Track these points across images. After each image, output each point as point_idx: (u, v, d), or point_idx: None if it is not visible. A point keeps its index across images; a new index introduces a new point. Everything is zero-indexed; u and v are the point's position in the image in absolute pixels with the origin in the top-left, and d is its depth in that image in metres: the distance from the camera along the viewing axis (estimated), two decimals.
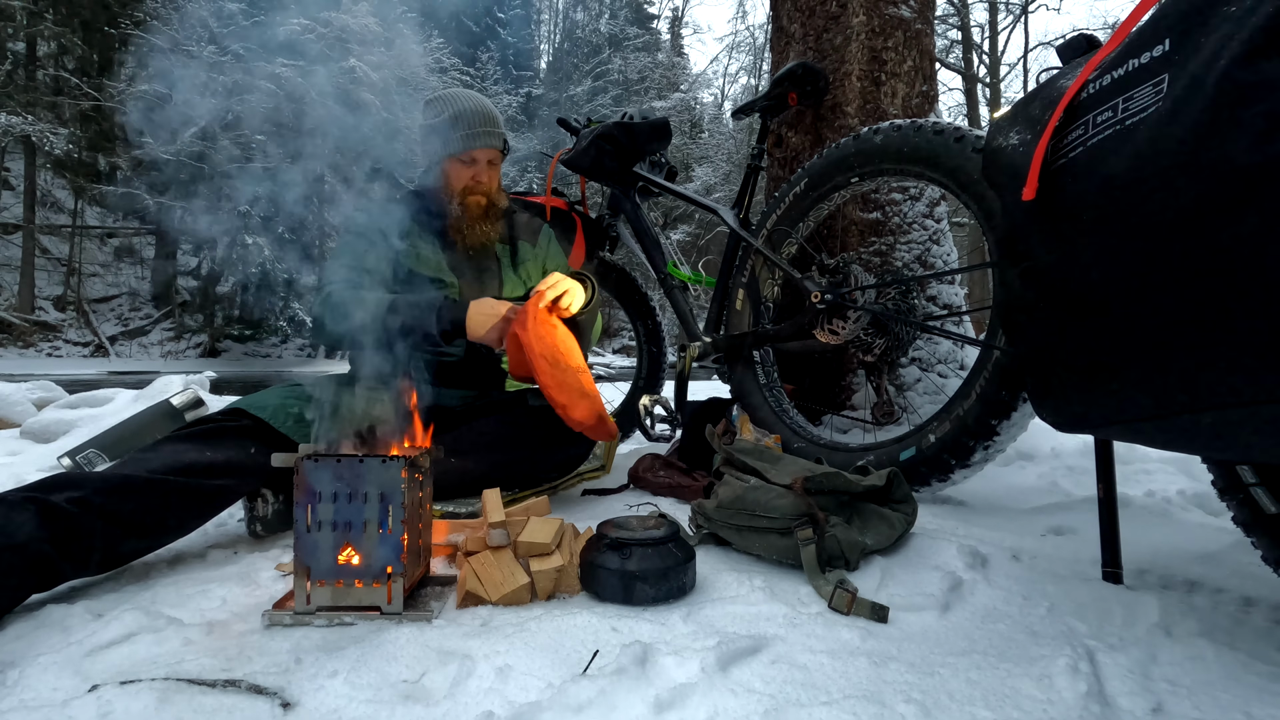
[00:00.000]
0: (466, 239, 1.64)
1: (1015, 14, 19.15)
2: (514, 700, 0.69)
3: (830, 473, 1.11)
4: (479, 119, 1.60)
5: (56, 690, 0.72)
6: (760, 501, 1.08)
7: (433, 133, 1.62)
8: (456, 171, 1.62)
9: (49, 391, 3.03)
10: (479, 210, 1.63)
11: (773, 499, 1.07)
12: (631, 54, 26.92)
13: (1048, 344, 0.86)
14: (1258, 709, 0.68)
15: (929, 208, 1.96)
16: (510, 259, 1.71)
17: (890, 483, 1.15)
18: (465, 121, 1.59)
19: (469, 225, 1.63)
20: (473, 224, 1.63)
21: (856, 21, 1.98)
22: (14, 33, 15.79)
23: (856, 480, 1.12)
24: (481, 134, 1.60)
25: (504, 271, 1.70)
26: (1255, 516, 0.88)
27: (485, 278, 1.67)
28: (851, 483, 1.11)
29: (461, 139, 1.59)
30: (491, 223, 1.66)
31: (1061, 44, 0.97)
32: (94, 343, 16.81)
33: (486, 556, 0.97)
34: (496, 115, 1.65)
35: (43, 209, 17.80)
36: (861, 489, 1.12)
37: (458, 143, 1.59)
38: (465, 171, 1.62)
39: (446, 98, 1.64)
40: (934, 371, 1.90)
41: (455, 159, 1.61)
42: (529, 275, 1.72)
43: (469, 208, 1.62)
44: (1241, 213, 0.61)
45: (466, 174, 1.62)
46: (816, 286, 1.62)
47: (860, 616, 0.88)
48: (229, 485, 1.16)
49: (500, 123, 1.66)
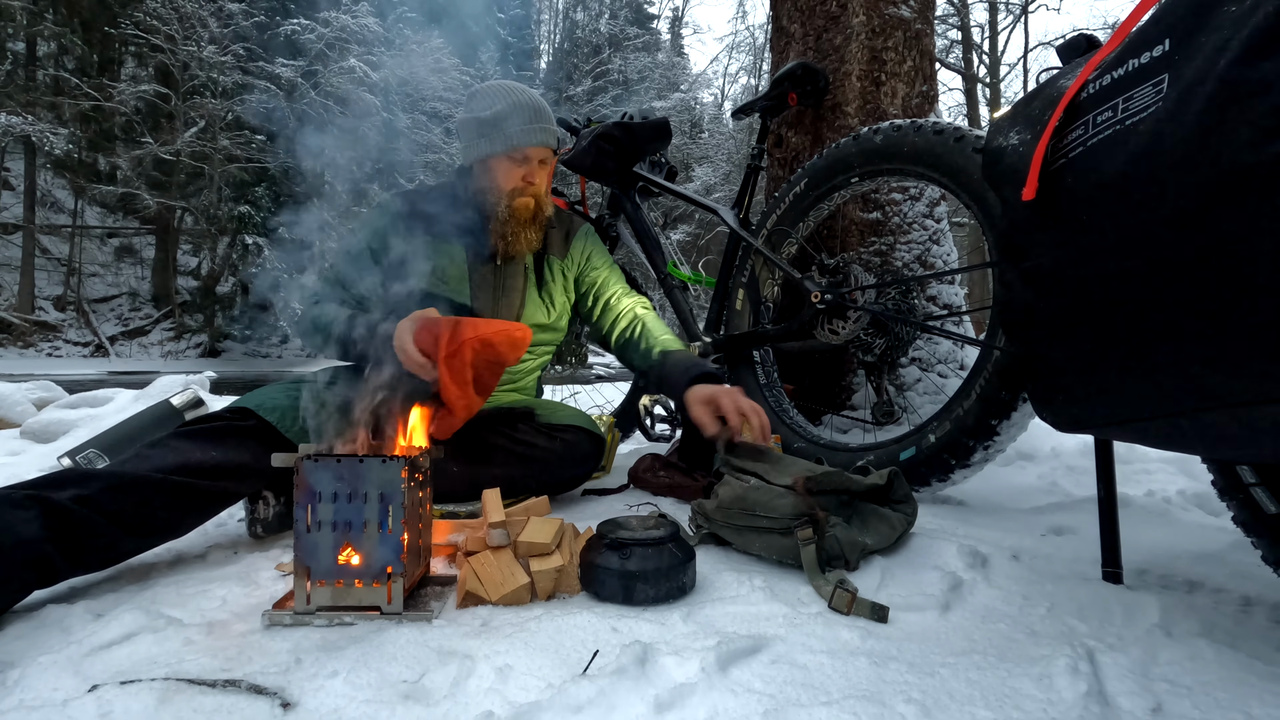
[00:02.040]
0: (508, 247, 1.50)
1: (1015, 14, 19.16)
2: (514, 700, 0.69)
3: (832, 472, 1.11)
4: (534, 113, 1.46)
5: (56, 690, 0.72)
6: (761, 501, 1.08)
7: (481, 126, 1.47)
8: (506, 170, 1.47)
9: (49, 391, 3.03)
10: (527, 214, 1.49)
11: (774, 499, 1.07)
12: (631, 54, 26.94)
13: (1048, 344, 0.86)
14: (1258, 709, 0.68)
15: (929, 208, 1.96)
16: (535, 278, 1.59)
17: (891, 482, 1.15)
18: (520, 115, 1.45)
19: (513, 232, 1.49)
20: (518, 230, 1.49)
21: (856, 21, 1.98)
22: (14, 33, 15.80)
23: (858, 480, 1.12)
24: (537, 129, 1.46)
25: (528, 290, 1.57)
26: (1255, 516, 0.88)
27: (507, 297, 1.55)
28: (853, 482, 1.11)
29: (515, 134, 1.45)
30: (537, 230, 1.52)
31: (1061, 44, 0.97)
32: (94, 343, 16.82)
33: (486, 556, 0.97)
34: (551, 112, 1.52)
35: (43, 209, 17.81)
36: (863, 488, 1.12)
37: (510, 138, 1.45)
38: (516, 170, 1.47)
39: (497, 89, 1.49)
40: (934, 371, 1.90)
41: (505, 156, 1.46)
42: (551, 297, 1.61)
43: (516, 211, 1.48)
44: (1242, 212, 0.61)
45: (517, 173, 1.47)
46: (816, 286, 1.62)
47: (860, 616, 0.89)
48: (232, 486, 1.16)
49: (554, 120, 1.52)
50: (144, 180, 16.61)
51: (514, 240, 1.50)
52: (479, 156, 1.49)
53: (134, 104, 16.46)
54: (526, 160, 1.47)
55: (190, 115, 16.27)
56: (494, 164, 1.48)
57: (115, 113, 16.37)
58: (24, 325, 15.96)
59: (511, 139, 1.45)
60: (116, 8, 16.09)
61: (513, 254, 1.52)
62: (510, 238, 1.49)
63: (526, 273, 1.58)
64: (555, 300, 1.62)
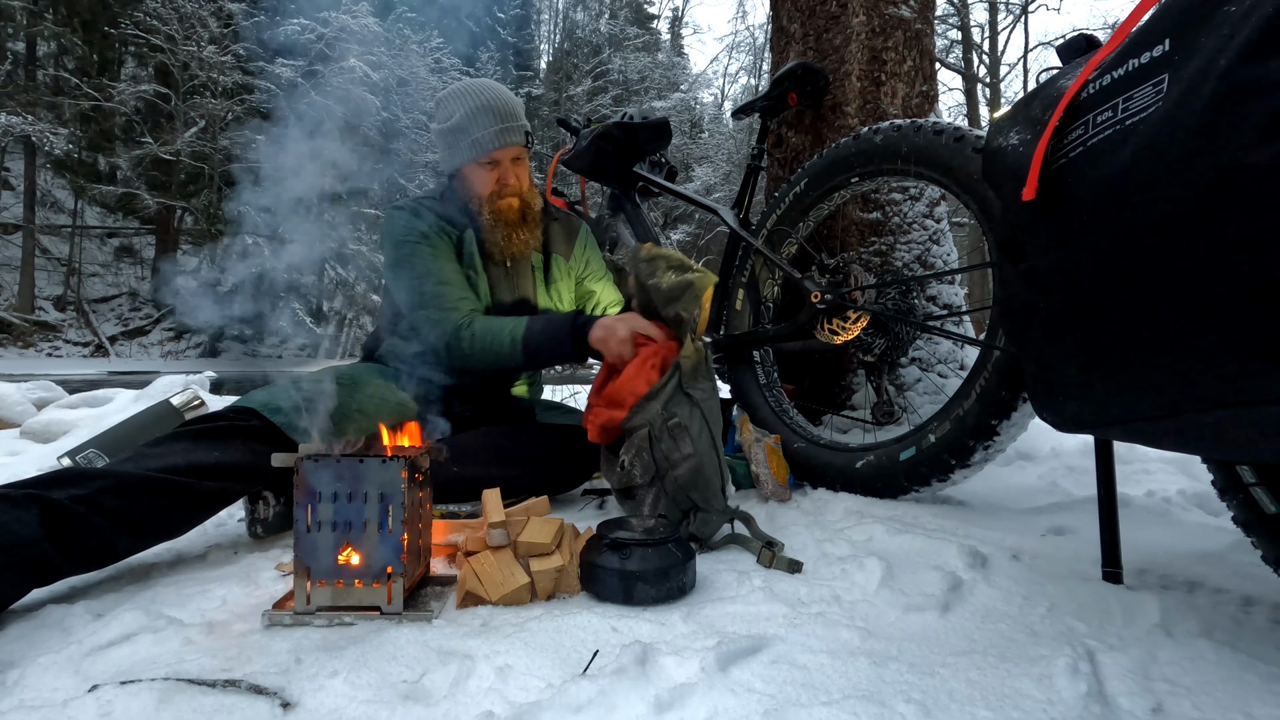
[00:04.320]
0: (506, 249, 1.50)
1: (1015, 14, 19.16)
2: (514, 700, 0.69)
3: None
4: (494, 114, 1.44)
5: (56, 690, 0.72)
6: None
7: (447, 136, 1.46)
8: (479, 177, 1.47)
9: (49, 391, 3.03)
10: (514, 215, 1.48)
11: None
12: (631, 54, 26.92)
13: (1048, 344, 0.86)
14: (1258, 709, 0.68)
15: (929, 208, 1.96)
16: (544, 274, 1.59)
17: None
18: (481, 120, 1.43)
19: (505, 234, 1.48)
20: (509, 232, 1.48)
21: (856, 21, 1.98)
22: (14, 33, 15.80)
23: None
24: (500, 132, 1.44)
25: (536, 288, 1.58)
26: (1255, 516, 0.88)
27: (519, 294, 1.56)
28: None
29: (480, 140, 1.44)
30: (530, 228, 1.51)
31: (1061, 44, 0.97)
32: (94, 343, 16.81)
33: (486, 556, 0.97)
34: (515, 105, 1.48)
35: (43, 209, 17.81)
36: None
37: (476, 145, 1.44)
38: (489, 175, 1.47)
39: (457, 94, 1.47)
40: (934, 371, 1.90)
41: (475, 164, 1.46)
42: (560, 295, 1.62)
43: (501, 214, 1.47)
44: (1241, 212, 0.61)
45: (490, 178, 1.47)
46: (816, 286, 1.62)
47: (779, 570, 1.03)
48: (232, 487, 1.15)
49: (520, 113, 1.49)
50: (144, 180, 16.61)
51: (508, 242, 1.50)
52: (454, 166, 1.49)
53: (134, 104, 16.46)
54: (497, 164, 1.47)
55: (190, 115, 16.27)
56: (468, 172, 1.48)
57: (115, 113, 16.38)
58: (24, 325, 15.96)
59: (477, 146, 1.44)
60: (116, 8, 16.10)
61: (514, 254, 1.52)
62: (504, 240, 1.49)
63: (534, 272, 1.59)
64: (563, 297, 1.64)
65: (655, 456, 1.19)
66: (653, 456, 1.19)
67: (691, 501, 1.19)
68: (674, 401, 1.20)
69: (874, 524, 1.22)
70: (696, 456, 1.18)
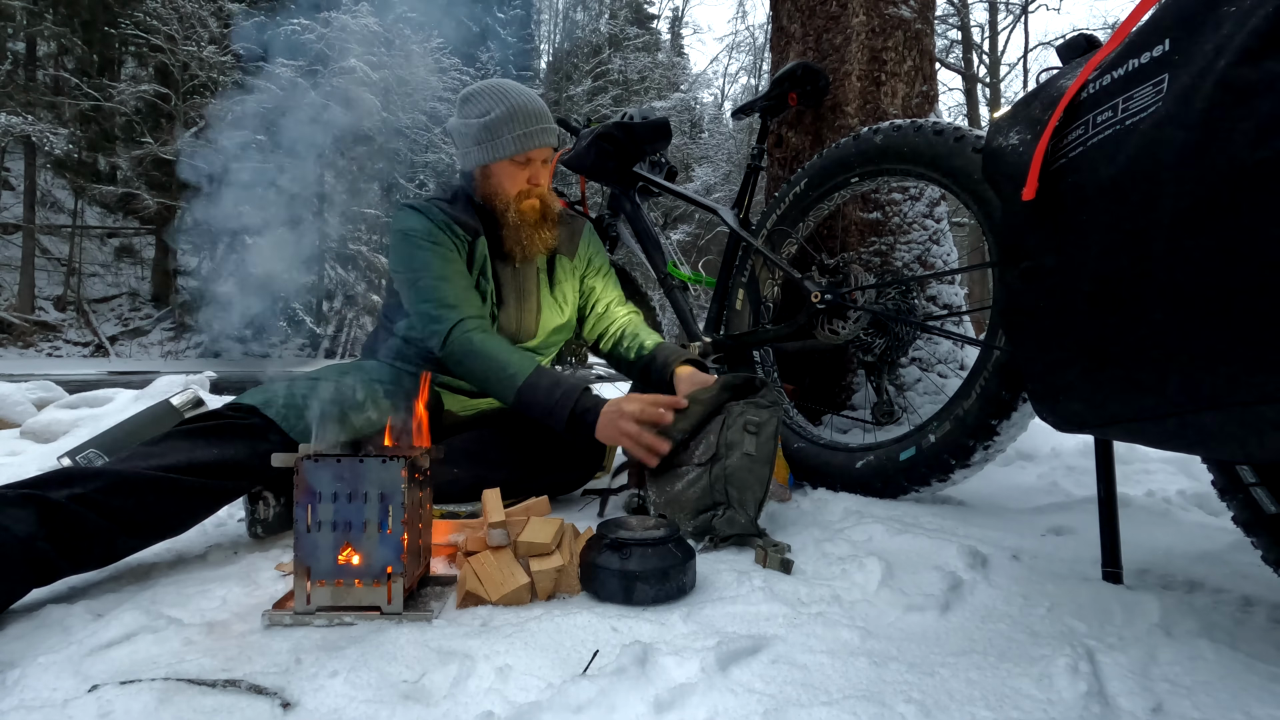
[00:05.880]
0: (525, 250, 1.49)
1: (1015, 14, 19.16)
2: (514, 700, 0.69)
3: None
4: (533, 115, 1.44)
5: (56, 690, 0.72)
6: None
7: (479, 133, 1.44)
8: (509, 174, 1.46)
9: (49, 391, 3.03)
10: (535, 215, 1.48)
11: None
12: (631, 54, 26.90)
13: (1048, 344, 0.86)
14: (1258, 709, 0.68)
15: (929, 208, 1.96)
16: (548, 275, 1.59)
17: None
18: (519, 119, 1.43)
19: (527, 235, 1.48)
20: (531, 232, 1.48)
21: (856, 21, 1.98)
22: (14, 33, 15.80)
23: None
24: (538, 132, 1.44)
25: (541, 291, 1.58)
26: (1255, 516, 0.88)
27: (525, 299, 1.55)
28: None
29: (518, 139, 1.43)
30: (550, 228, 1.51)
31: (1061, 44, 0.97)
32: (94, 343, 16.81)
33: (486, 556, 0.97)
34: (547, 108, 1.50)
35: (43, 209, 17.80)
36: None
37: (513, 143, 1.43)
38: (520, 173, 1.46)
39: (491, 92, 1.46)
40: (934, 371, 1.90)
41: (509, 161, 1.45)
42: (564, 295, 1.61)
43: (525, 214, 1.47)
44: (1241, 212, 0.61)
45: (522, 176, 1.46)
46: (816, 286, 1.62)
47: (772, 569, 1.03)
48: (231, 484, 1.15)
49: (551, 116, 1.50)
50: (144, 180, 16.60)
51: (530, 243, 1.49)
52: (480, 163, 1.47)
53: (134, 104, 16.45)
54: (529, 162, 1.46)
55: (190, 115, 16.26)
56: (496, 169, 1.47)
57: (115, 113, 16.37)
58: (24, 325, 15.96)
59: (515, 144, 1.43)
60: (116, 8, 16.09)
61: (530, 256, 1.51)
62: (526, 241, 1.48)
63: (539, 274, 1.58)
64: (567, 299, 1.63)
65: (720, 441, 1.26)
66: (719, 439, 1.26)
67: (727, 496, 1.20)
68: (752, 410, 1.29)
69: (874, 524, 1.22)
70: (754, 459, 1.24)
